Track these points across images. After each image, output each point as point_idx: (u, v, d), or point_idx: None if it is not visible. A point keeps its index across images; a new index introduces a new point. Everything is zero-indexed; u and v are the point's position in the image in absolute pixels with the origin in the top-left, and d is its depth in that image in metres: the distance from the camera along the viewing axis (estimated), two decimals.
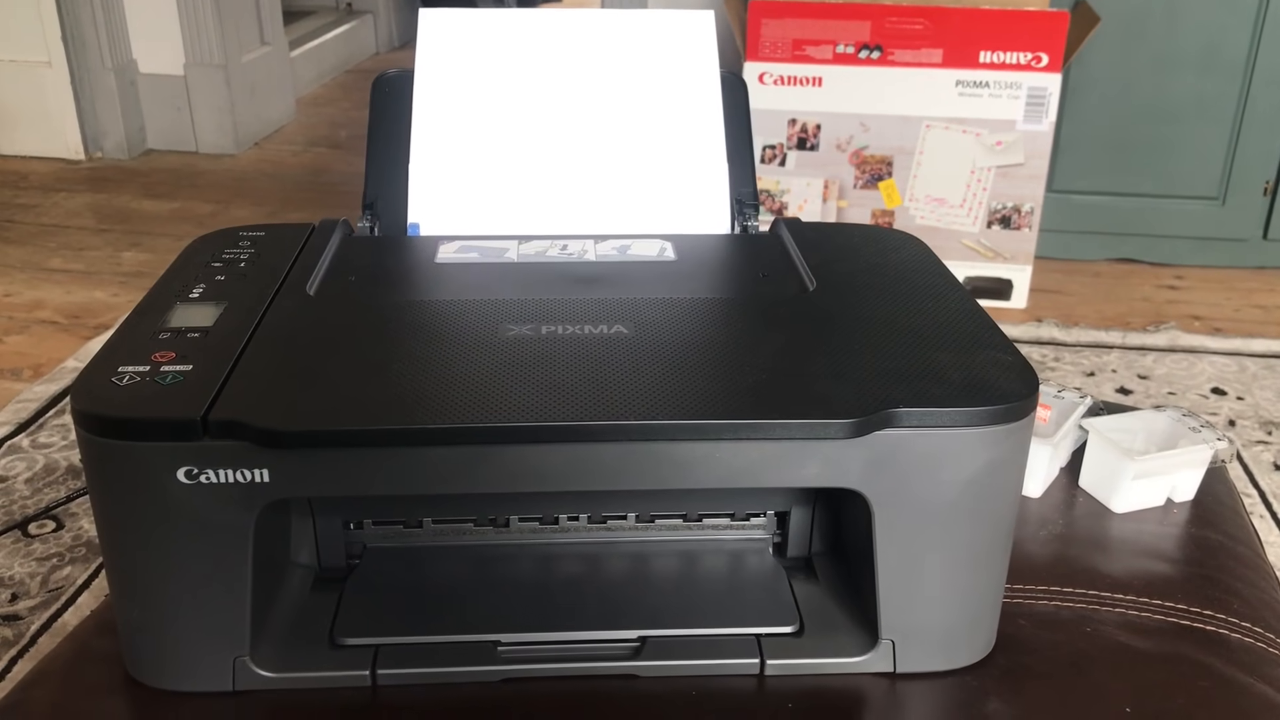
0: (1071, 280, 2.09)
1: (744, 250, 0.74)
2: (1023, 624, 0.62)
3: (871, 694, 0.57)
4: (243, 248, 0.69)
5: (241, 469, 0.51)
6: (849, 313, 0.62)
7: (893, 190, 1.93)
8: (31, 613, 1.23)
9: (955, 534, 0.56)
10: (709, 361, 0.57)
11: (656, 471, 0.53)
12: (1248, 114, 2.01)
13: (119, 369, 0.55)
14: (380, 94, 0.81)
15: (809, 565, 0.64)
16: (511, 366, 0.56)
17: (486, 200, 0.77)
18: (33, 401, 1.64)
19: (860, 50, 1.86)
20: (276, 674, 0.57)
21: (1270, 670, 0.60)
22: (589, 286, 0.66)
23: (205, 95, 2.69)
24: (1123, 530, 0.70)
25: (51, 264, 2.12)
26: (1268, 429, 1.63)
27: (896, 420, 0.53)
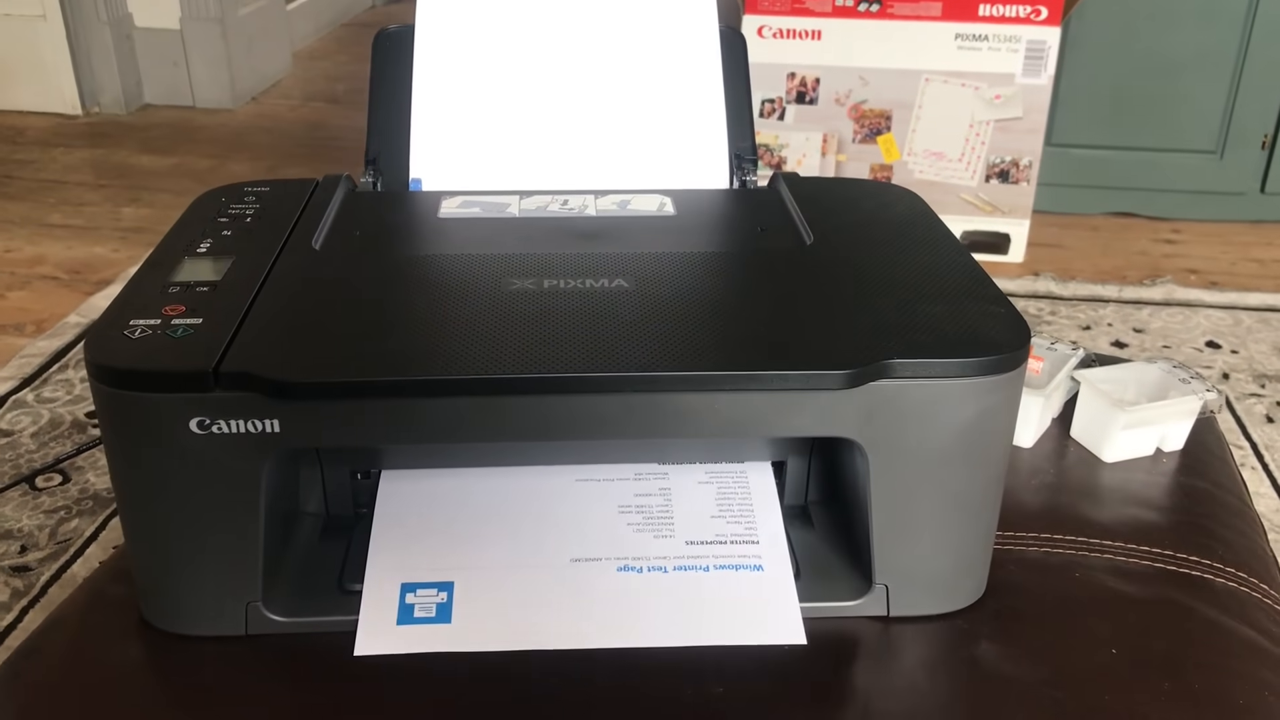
0: (1069, 234, 2.10)
1: (742, 205, 0.75)
2: (1013, 569, 0.63)
3: (866, 637, 0.59)
4: (248, 203, 0.70)
5: (252, 419, 0.53)
6: (845, 266, 0.63)
7: (891, 144, 1.93)
8: (41, 564, 1.25)
9: (948, 482, 0.57)
10: (708, 314, 0.59)
11: (657, 422, 0.54)
12: (1247, 67, 2.01)
13: (130, 322, 0.56)
14: (381, 49, 0.81)
15: (805, 513, 0.66)
16: (514, 320, 0.57)
17: (488, 155, 0.78)
18: (36, 357, 1.65)
19: (859, 3, 1.85)
20: (287, 618, 0.58)
21: (1253, 614, 0.62)
22: (590, 241, 0.67)
23: (202, 49, 2.68)
24: (1112, 479, 0.72)
25: (51, 219, 2.13)
26: (1261, 382, 1.64)
27: (891, 371, 0.54)
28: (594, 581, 0.59)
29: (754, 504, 0.63)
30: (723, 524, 0.62)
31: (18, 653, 0.61)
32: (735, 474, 0.65)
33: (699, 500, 0.63)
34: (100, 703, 0.56)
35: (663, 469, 0.65)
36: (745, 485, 0.64)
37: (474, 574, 0.59)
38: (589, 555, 0.60)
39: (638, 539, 0.61)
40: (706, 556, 0.60)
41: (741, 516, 0.62)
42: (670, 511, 0.62)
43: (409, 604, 0.57)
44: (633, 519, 0.62)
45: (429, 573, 0.59)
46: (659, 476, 0.64)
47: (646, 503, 0.63)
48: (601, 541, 0.60)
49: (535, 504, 0.62)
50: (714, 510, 0.63)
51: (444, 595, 0.58)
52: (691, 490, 0.64)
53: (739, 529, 0.61)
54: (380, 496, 0.63)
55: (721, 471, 0.65)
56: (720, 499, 0.63)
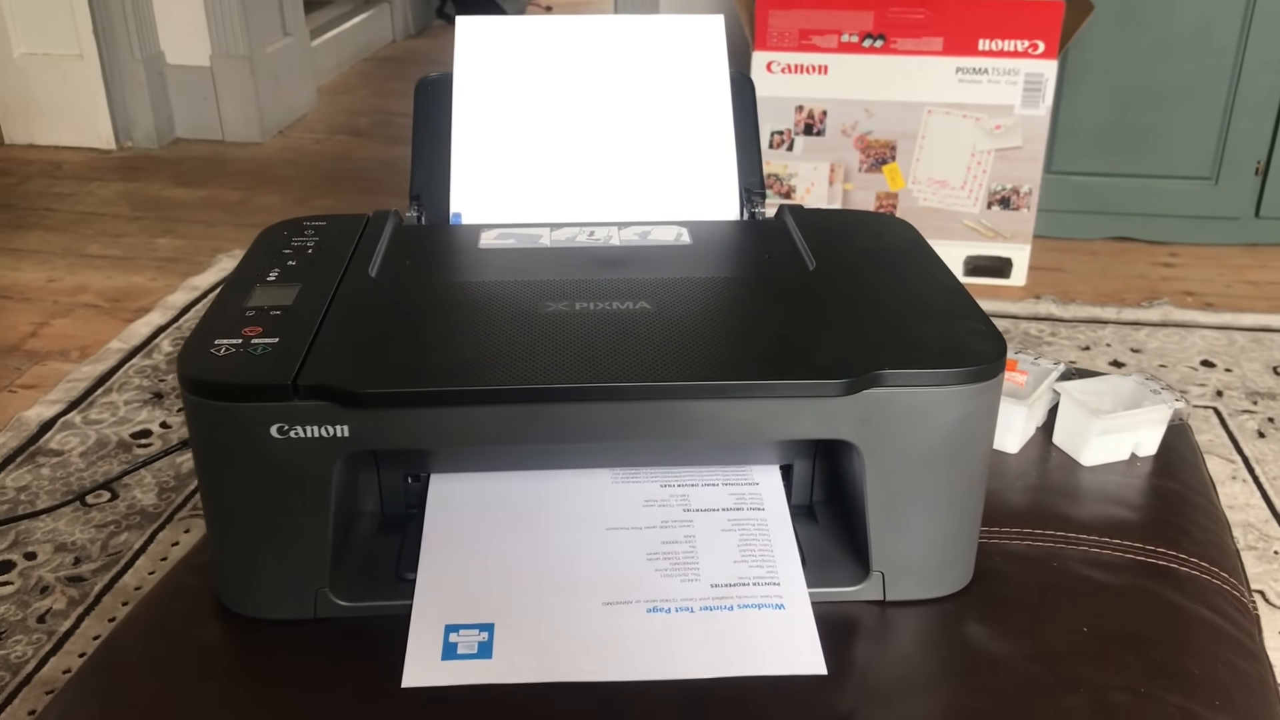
0: (1070, 258, 2.17)
1: (752, 234, 0.82)
2: (997, 560, 0.71)
3: (864, 618, 0.66)
4: (308, 236, 0.78)
5: (325, 425, 0.60)
6: (844, 288, 0.71)
7: (896, 173, 2.01)
8: (94, 575, 1.33)
9: (936, 479, 0.65)
10: (721, 331, 0.66)
11: (676, 425, 0.62)
12: (1239, 97, 2.08)
13: (215, 342, 0.64)
14: (423, 95, 0.89)
15: (810, 512, 0.73)
16: (550, 337, 0.65)
17: (521, 191, 0.86)
18: (82, 381, 1.73)
19: (864, 39, 1.94)
20: (351, 603, 0.66)
21: (1212, 598, 0.69)
22: (615, 268, 0.75)
23: (231, 85, 2.78)
24: (1090, 481, 0.79)
25: (90, 250, 2.22)
26: (1253, 399, 1.71)
27: (883, 380, 0.61)
28: (625, 621, 0.63)
29: (774, 550, 0.67)
30: (745, 568, 0.66)
31: (109, 637, 0.69)
32: (757, 522, 0.69)
33: (722, 547, 0.67)
34: (184, 678, 0.64)
35: (688, 517, 0.69)
36: (766, 533, 0.68)
37: (512, 616, 0.63)
38: (620, 599, 0.64)
39: (666, 583, 0.65)
40: (731, 597, 0.64)
41: (763, 561, 0.66)
42: (695, 558, 0.66)
43: (452, 642, 0.62)
44: (660, 565, 0.66)
45: (471, 615, 0.63)
46: (685, 525, 0.69)
47: (673, 550, 0.67)
48: (631, 586, 0.65)
49: (568, 553, 0.67)
50: (737, 555, 0.67)
51: (485, 635, 0.62)
52: (715, 538, 0.68)
53: (761, 572, 0.66)
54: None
55: (744, 520, 0.69)
56: (743, 544, 0.67)
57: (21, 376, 1.77)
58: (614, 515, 0.69)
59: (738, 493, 0.71)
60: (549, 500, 0.70)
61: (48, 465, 1.53)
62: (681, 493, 0.71)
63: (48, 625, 1.25)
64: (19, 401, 1.70)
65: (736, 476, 0.72)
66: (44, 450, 1.57)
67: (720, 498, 0.70)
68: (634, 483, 0.71)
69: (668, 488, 0.71)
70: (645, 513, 0.69)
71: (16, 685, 1.17)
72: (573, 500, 0.70)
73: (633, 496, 0.70)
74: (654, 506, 0.70)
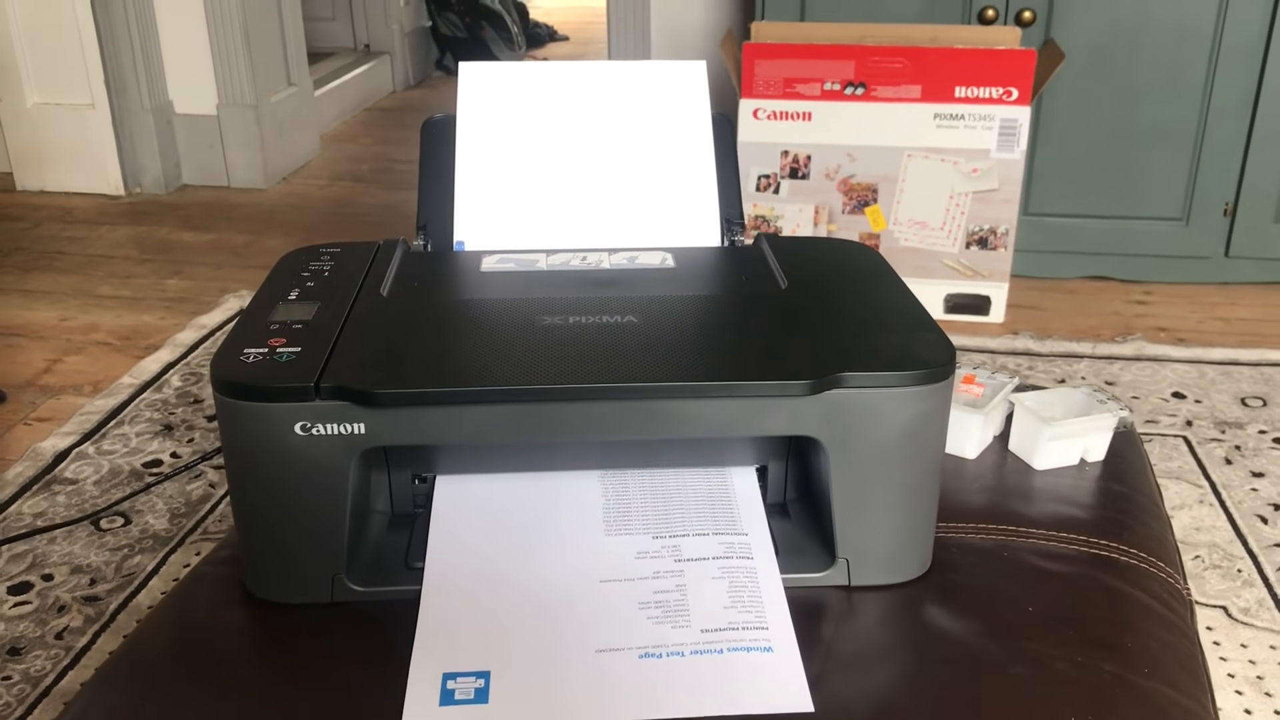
0: (1047, 297, 2.25)
1: (731, 259, 0.90)
2: (954, 551, 0.77)
3: (831, 601, 0.73)
4: (324, 261, 0.86)
5: (344, 423, 0.67)
6: (813, 305, 0.78)
7: (878, 215, 2.10)
8: (109, 594, 1.39)
9: (894, 472, 0.71)
10: (700, 341, 0.74)
11: (660, 423, 0.69)
12: (1206, 141, 2.17)
13: (244, 351, 0.71)
14: (428, 134, 0.97)
15: (784, 509, 0.80)
16: (547, 346, 0.72)
17: (520, 220, 0.93)
18: (95, 414, 1.80)
19: (846, 87, 2.03)
20: (366, 588, 0.73)
21: (1149, 584, 0.76)
22: (605, 288, 0.82)
23: (236, 134, 2.88)
24: (1042, 482, 0.86)
25: (101, 291, 2.30)
26: (1221, 428, 1.78)
27: (844, 382, 0.69)
28: (618, 667, 0.65)
29: (763, 595, 0.70)
30: (735, 613, 0.68)
31: (140, 624, 0.75)
32: (746, 570, 0.72)
33: (712, 594, 0.70)
34: (211, 656, 0.70)
35: (679, 566, 0.72)
36: (755, 580, 0.71)
37: (508, 663, 0.65)
38: (613, 646, 0.66)
39: (657, 630, 0.67)
40: (720, 641, 0.66)
41: (751, 606, 0.69)
42: (686, 605, 0.69)
43: (450, 689, 0.64)
44: (652, 613, 0.68)
45: (467, 663, 0.65)
46: (676, 574, 0.71)
47: (664, 598, 0.69)
48: (624, 633, 0.67)
49: (562, 604, 0.69)
50: (726, 601, 0.69)
51: (481, 681, 0.64)
52: (705, 585, 0.70)
53: (750, 617, 0.68)
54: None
55: (733, 568, 0.72)
56: (732, 591, 0.70)
57: (36, 410, 1.84)
58: (607, 568, 0.72)
59: (727, 542, 0.74)
60: (543, 557, 0.73)
61: (63, 493, 1.59)
62: (673, 544, 0.73)
63: (65, 642, 1.31)
64: (34, 433, 1.77)
65: (726, 526, 0.75)
66: (59, 479, 1.63)
67: (710, 547, 0.73)
68: (626, 535, 0.74)
69: (659, 539, 0.74)
70: (637, 564, 0.72)
71: (36, 697, 1.23)
72: (566, 556, 0.73)
73: (625, 549, 0.73)
74: (646, 558, 0.72)
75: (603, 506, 0.76)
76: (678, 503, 0.77)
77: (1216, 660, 1.29)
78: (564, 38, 4.87)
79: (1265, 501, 1.58)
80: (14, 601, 1.37)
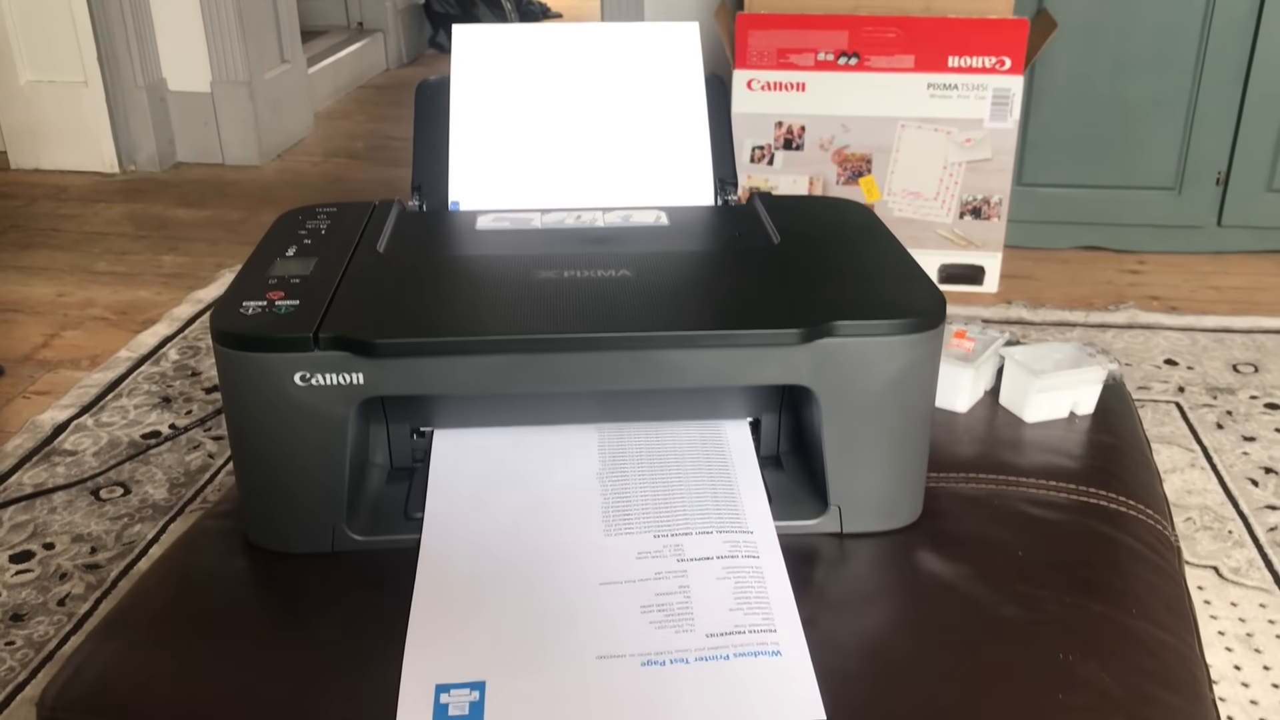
0: (1040, 266, 2.26)
1: (724, 217, 0.91)
2: (944, 500, 0.79)
3: (825, 549, 0.74)
4: (320, 220, 0.87)
5: (342, 373, 0.68)
6: (805, 259, 0.79)
7: (872, 185, 2.11)
8: (110, 562, 1.40)
9: (884, 420, 0.73)
10: (694, 293, 0.75)
11: (654, 373, 0.70)
12: (1199, 110, 2.18)
13: (243, 304, 0.72)
14: (423, 96, 0.98)
15: (778, 461, 0.81)
16: (542, 298, 0.73)
17: (514, 181, 0.94)
18: (93, 387, 1.81)
19: (839, 57, 2.03)
20: (365, 537, 0.74)
21: (1137, 529, 0.77)
22: (600, 244, 0.83)
23: (231, 111, 2.87)
24: (1032, 435, 0.87)
25: (98, 267, 2.30)
26: (1213, 394, 1.79)
27: (835, 331, 0.70)
28: (619, 677, 0.62)
29: (770, 596, 0.67)
30: (741, 615, 0.65)
31: (143, 574, 0.76)
32: (752, 569, 0.69)
33: (717, 595, 0.67)
34: (213, 604, 0.71)
35: (682, 567, 0.69)
36: (761, 580, 0.68)
37: (504, 674, 0.62)
38: (614, 653, 0.63)
39: (660, 635, 0.64)
40: (726, 646, 0.63)
41: (758, 607, 0.66)
42: (690, 607, 0.66)
43: (443, 704, 0.60)
44: (654, 617, 0.65)
45: (461, 673, 0.62)
46: (679, 575, 0.68)
47: (667, 600, 0.66)
48: (625, 639, 0.64)
49: (560, 609, 0.66)
50: (732, 603, 0.66)
51: (476, 694, 0.61)
52: (710, 586, 0.67)
53: (756, 619, 0.65)
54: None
55: (738, 568, 0.69)
56: (738, 592, 0.67)
57: (35, 384, 1.85)
58: (607, 570, 0.69)
59: (732, 540, 0.71)
60: (541, 559, 0.70)
61: (62, 464, 1.60)
62: (675, 543, 0.71)
63: (67, 608, 1.32)
64: (33, 406, 1.77)
65: (731, 524, 0.72)
66: (58, 450, 1.64)
67: (715, 546, 0.71)
68: (626, 535, 0.72)
69: (661, 538, 0.71)
70: (639, 565, 0.69)
71: (40, 661, 1.24)
72: (564, 557, 0.70)
73: (626, 549, 0.70)
74: (647, 558, 0.70)
75: (602, 505, 0.74)
76: (680, 499, 0.74)
77: (1207, 619, 1.30)
78: (557, 15, 4.86)
79: (1256, 465, 1.60)
80: (16, 569, 1.38)
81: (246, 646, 0.67)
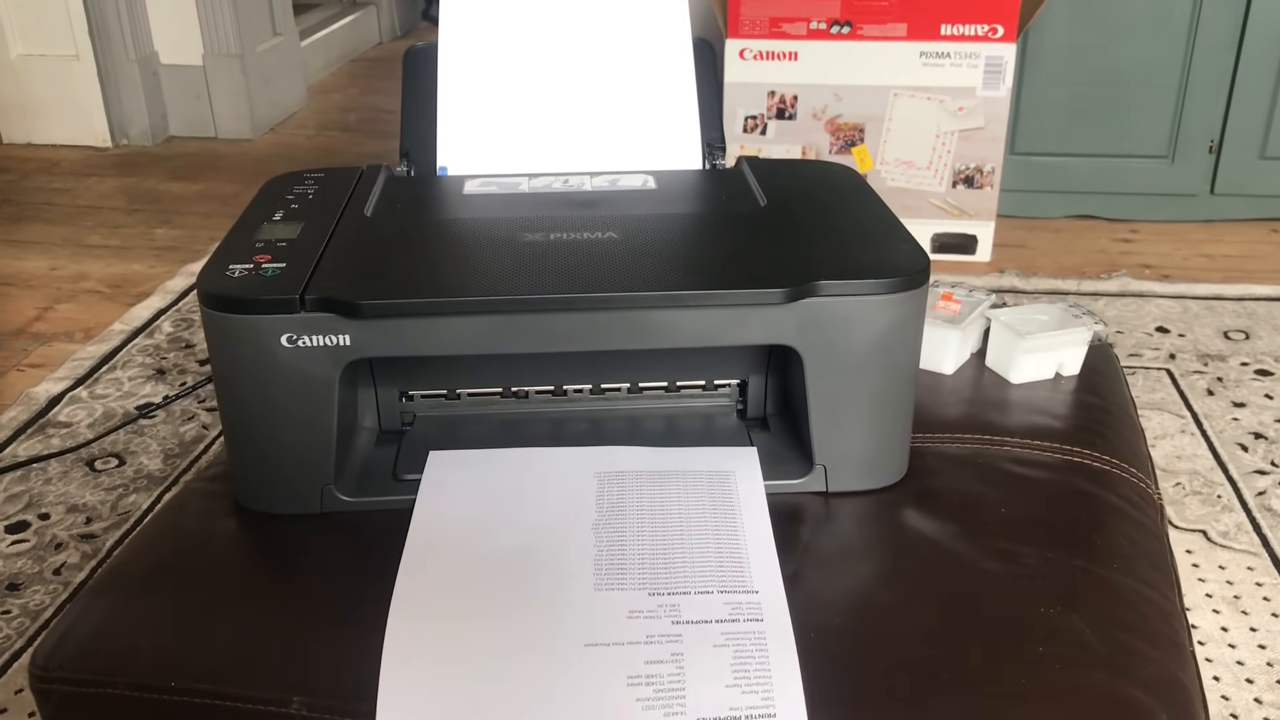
0: (1033, 235, 2.26)
1: (711, 180, 0.91)
2: (930, 460, 0.79)
3: (810, 507, 0.75)
4: (308, 185, 0.87)
5: (329, 335, 0.69)
6: (790, 220, 0.80)
7: (865, 155, 2.10)
8: (105, 532, 1.40)
9: (868, 380, 0.73)
10: (679, 254, 0.75)
11: (641, 333, 0.70)
12: (1191, 78, 2.18)
13: (229, 267, 0.72)
14: (411, 63, 0.98)
15: (765, 423, 0.82)
16: (528, 260, 0.73)
17: (502, 146, 0.94)
18: (87, 360, 1.81)
19: (832, 26, 2.03)
20: (354, 499, 0.74)
21: (1120, 488, 0.78)
22: (587, 208, 0.83)
23: (223, 84, 2.86)
24: (1017, 395, 0.88)
25: (90, 241, 2.30)
26: (1204, 360, 1.80)
27: (820, 290, 0.70)
28: None
29: (772, 667, 0.61)
30: (738, 694, 0.59)
31: (133, 536, 0.77)
32: (754, 636, 0.63)
33: (714, 668, 0.61)
34: (203, 564, 0.72)
35: (676, 630, 0.63)
36: (764, 650, 0.62)
37: None
38: None
39: (646, 718, 0.58)
40: None
41: (759, 683, 0.60)
42: (682, 682, 0.60)
43: None
44: (642, 692, 0.59)
45: None
46: (672, 640, 0.62)
47: (657, 671, 0.60)
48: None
49: (542, 676, 0.61)
50: (729, 678, 0.60)
51: None
52: (706, 655, 0.61)
53: (755, 699, 0.59)
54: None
55: (739, 634, 0.63)
56: (736, 665, 0.61)
57: (29, 357, 1.85)
58: (594, 629, 0.63)
59: (734, 601, 0.65)
60: (525, 611, 0.65)
61: (57, 436, 1.61)
62: (671, 602, 0.65)
63: (63, 577, 1.32)
64: (27, 379, 1.78)
65: (734, 583, 0.66)
66: (53, 423, 1.64)
67: (714, 608, 0.64)
68: (619, 590, 0.66)
69: (656, 596, 0.65)
70: (629, 625, 0.63)
71: (36, 629, 1.25)
72: (548, 612, 0.64)
73: (616, 606, 0.64)
74: (639, 618, 0.64)
75: (594, 554, 0.68)
76: (680, 551, 0.69)
77: (1195, 581, 1.31)
78: None
79: (1246, 430, 1.61)
80: (12, 540, 1.39)
81: (236, 604, 0.68)
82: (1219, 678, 1.17)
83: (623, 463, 0.75)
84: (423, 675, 0.61)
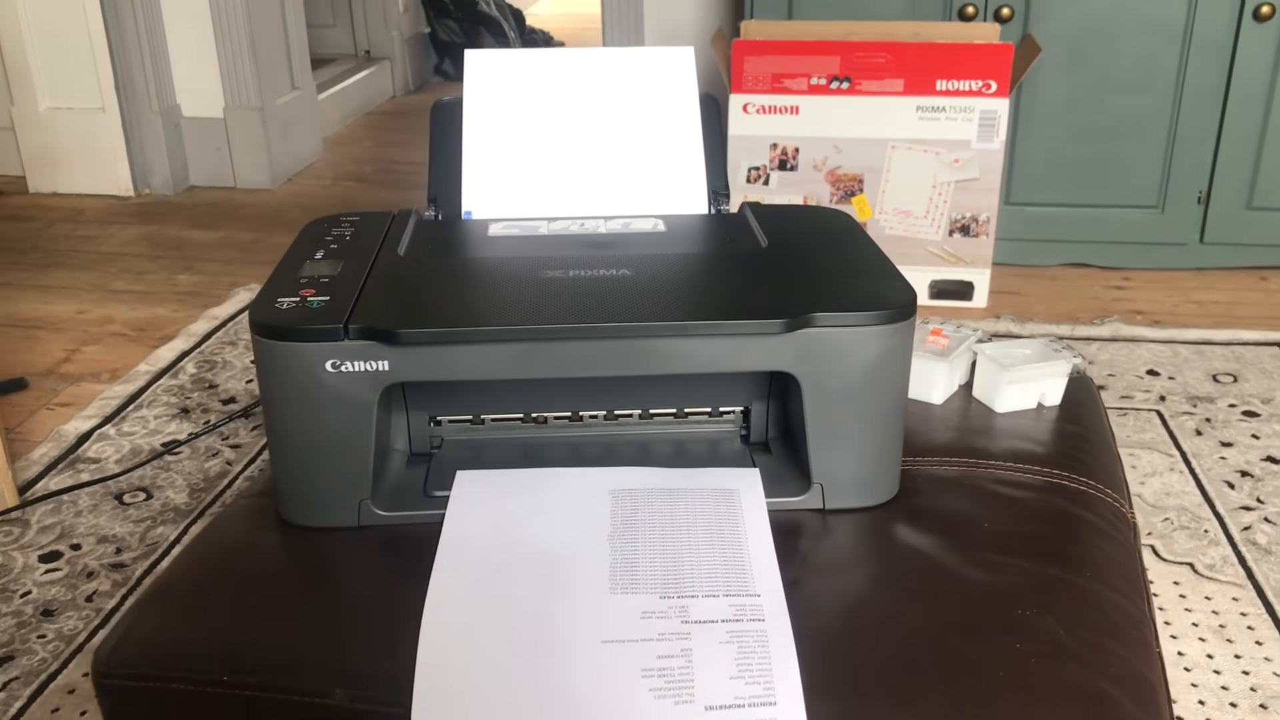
0: (1028, 283, 2.34)
1: (717, 224, 0.98)
2: (920, 481, 0.86)
3: (808, 522, 0.81)
4: (344, 227, 0.94)
5: (369, 361, 0.76)
6: (789, 259, 0.87)
7: (864, 204, 2.18)
8: (134, 562, 1.46)
9: (862, 403, 0.80)
10: (687, 289, 0.82)
11: (652, 360, 0.77)
12: (1179, 131, 2.26)
13: (278, 300, 0.79)
14: (438, 116, 1.05)
15: (766, 446, 0.88)
16: (550, 294, 0.80)
17: (523, 192, 1.01)
18: (114, 399, 1.88)
19: (831, 82, 2.12)
20: (389, 513, 0.81)
21: (1097, 507, 0.84)
22: (602, 248, 0.90)
23: (243, 136, 2.96)
24: (1002, 423, 0.94)
25: (115, 286, 2.38)
26: (1193, 402, 1.86)
27: (815, 321, 0.77)
28: None
29: (772, 662, 0.67)
30: (741, 685, 0.65)
31: (180, 551, 0.83)
32: (756, 634, 0.69)
33: (719, 662, 0.67)
34: (248, 574, 0.78)
35: (685, 629, 0.69)
36: (765, 646, 0.68)
37: None
38: None
39: (658, 706, 0.64)
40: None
41: (760, 676, 0.66)
42: (691, 674, 0.66)
43: None
44: (654, 683, 0.65)
45: None
46: (682, 637, 0.68)
47: (668, 665, 0.66)
48: (624, 710, 0.64)
49: (562, 670, 0.67)
50: (733, 671, 0.66)
51: None
52: (713, 650, 0.67)
53: (757, 690, 0.65)
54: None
55: (742, 632, 0.69)
56: (740, 659, 0.67)
57: (58, 396, 1.92)
58: (610, 627, 0.69)
59: (738, 604, 0.71)
60: (547, 612, 0.71)
61: (86, 470, 1.67)
62: (681, 604, 0.71)
63: (95, 604, 1.38)
64: (56, 418, 1.84)
65: (738, 587, 0.72)
66: (82, 459, 1.71)
67: (720, 609, 0.71)
68: (632, 593, 0.72)
69: (666, 599, 0.71)
70: (642, 625, 0.69)
71: (70, 653, 1.31)
72: (568, 612, 0.71)
73: (631, 608, 0.71)
74: (651, 618, 0.70)
75: (610, 562, 0.74)
76: (689, 560, 0.75)
77: (1182, 611, 1.37)
78: (560, 43, 4.96)
79: (1233, 468, 1.66)
80: (45, 568, 1.45)
81: (280, 607, 0.74)
82: (1204, 702, 1.22)
83: (635, 482, 0.82)
84: (454, 668, 0.67)
